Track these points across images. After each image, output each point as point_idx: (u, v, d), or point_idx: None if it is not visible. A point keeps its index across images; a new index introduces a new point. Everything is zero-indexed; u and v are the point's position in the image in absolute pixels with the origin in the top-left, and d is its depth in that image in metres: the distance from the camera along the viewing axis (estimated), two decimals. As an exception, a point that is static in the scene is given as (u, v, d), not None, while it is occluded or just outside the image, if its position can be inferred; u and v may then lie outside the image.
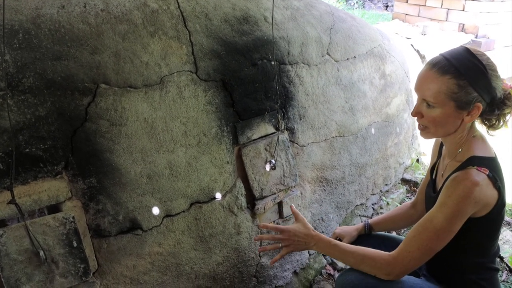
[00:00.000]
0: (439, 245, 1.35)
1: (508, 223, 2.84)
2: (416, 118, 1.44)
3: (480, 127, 1.45)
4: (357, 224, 1.90)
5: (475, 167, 1.32)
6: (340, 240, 1.82)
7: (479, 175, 1.30)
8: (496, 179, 1.33)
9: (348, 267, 1.54)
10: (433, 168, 1.65)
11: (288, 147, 2.05)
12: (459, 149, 1.43)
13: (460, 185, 1.31)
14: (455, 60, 1.31)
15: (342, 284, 1.49)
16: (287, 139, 2.05)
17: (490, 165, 1.35)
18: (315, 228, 2.31)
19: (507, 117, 1.39)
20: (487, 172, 1.31)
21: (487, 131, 1.42)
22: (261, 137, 1.95)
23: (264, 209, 2.00)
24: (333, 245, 1.52)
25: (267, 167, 1.96)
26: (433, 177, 1.62)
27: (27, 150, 1.32)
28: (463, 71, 1.29)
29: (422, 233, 1.35)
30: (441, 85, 1.32)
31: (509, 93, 1.35)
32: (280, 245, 1.62)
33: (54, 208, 1.44)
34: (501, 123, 1.39)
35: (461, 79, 1.29)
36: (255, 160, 1.92)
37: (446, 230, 1.32)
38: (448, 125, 1.38)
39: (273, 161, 1.96)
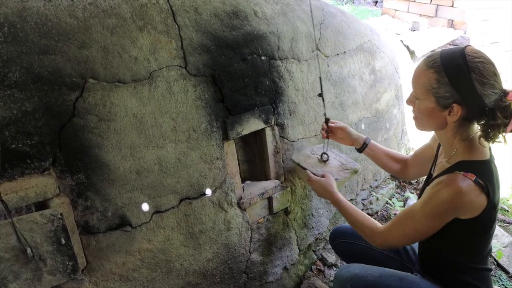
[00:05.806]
0: (418, 238, 1.48)
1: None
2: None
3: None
4: (360, 135, 1.96)
5: (462, 172, 1.32)
6: (327, 123, 1.96)
7: (465, 181, 1.30)
8: (483, 184, 1.31)
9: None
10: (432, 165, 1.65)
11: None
12: (453, 151, 1.42)
13: (443, 189, 1.33)
14: (445, 57, 1.31)
15: (346, 276, 1.58)
16: (277, 134, 2.04)
17: (479, 169, 1.34)
18: (305, 224, 2.31)
19: (504, 132, 1.30)
20: (473, 178, 1.30)
21: (479, 140, 1.35)
22: (251, 132, 1.94)
23: (250, 203, 1.98)
24: (339, 202, 1.74)
25: (257, 163, 1.96)
26: (431, 172, 1.63)
27: (13, 146, 1.30)
28: (444, 68, 1.29)
29: (404, 223, 1.47)
30: (424, 78, 1.34)
31: (505, 105, 1.28)
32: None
33: (41, 205, 1.42)
34: (496, 136, 1.31)
35: (442, 76, 1.30)
36: (245, 156, 1.91)
37: (425, 227, 1.40)
38: (432, 120, 1.39)
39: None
